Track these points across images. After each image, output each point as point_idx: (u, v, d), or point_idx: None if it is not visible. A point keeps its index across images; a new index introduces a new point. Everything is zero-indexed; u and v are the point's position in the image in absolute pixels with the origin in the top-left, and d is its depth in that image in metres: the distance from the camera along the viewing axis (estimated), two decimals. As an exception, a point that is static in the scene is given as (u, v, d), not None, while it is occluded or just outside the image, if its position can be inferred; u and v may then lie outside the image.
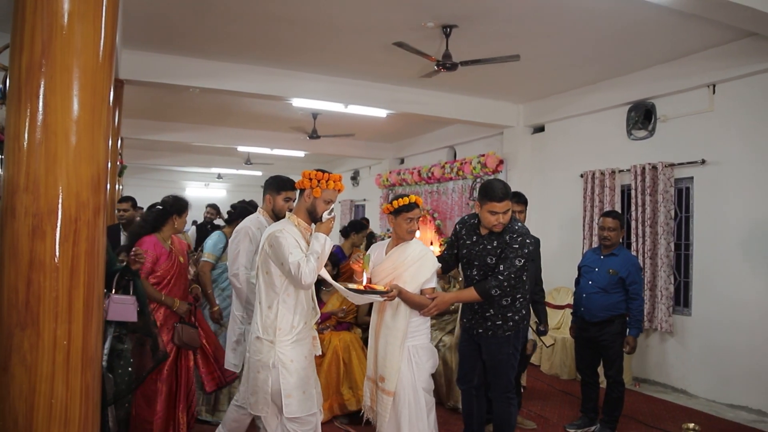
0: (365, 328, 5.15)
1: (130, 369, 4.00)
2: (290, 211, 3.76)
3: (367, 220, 6.82)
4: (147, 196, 13.13)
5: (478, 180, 8.85)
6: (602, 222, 4.68)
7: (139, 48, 5.97)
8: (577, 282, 4.87)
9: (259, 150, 12.13)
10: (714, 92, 5.67)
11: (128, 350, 4.07)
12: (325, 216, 2.99)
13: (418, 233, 6.39)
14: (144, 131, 10.14)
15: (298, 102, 7.24)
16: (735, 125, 5.48)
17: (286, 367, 2.84)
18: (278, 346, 2.86)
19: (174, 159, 14.26)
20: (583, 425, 4.71)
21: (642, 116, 6.43)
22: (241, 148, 12.07)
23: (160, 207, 3.97)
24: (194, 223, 8.92)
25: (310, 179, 2.98)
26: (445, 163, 9.73)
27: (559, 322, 6.90)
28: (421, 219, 3.55)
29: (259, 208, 3.90)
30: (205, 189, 18.97)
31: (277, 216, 3.79)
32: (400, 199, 3.31)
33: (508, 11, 4.82)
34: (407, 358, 3.20)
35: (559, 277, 6.85)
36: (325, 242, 2.91)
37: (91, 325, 2.03)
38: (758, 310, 5.22)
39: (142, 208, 6.22)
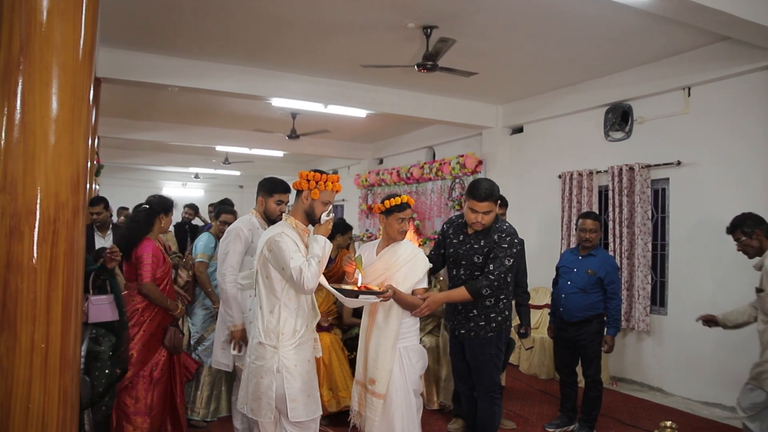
0: (346, 329, 5.14)
1: (107, 371, 3.96)
2: (283, 213, 3.74)
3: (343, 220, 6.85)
4: (123, 195, 13.04)
5: (457, 180, 8.89)
6: (582, 224, 4.71)
7: (117, 46, 5.88)
8: (555, 282, 4.91)
9: (237, 150, 12.04)
10: (689, 95, 5.77)
11: (105, 352, 4.03)
12: (324, 217, 2.93)
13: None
14: (120, 130, 9.99)
15: (277, 102, 7.20)
16: (710, 127, 5.58)
17: (290, 371, 2.79)
18: (282, 350, 2.80)
19: (151, 158, 14.07)
20: (562, 424, 4.76)
21: (619, 118, 6.51)
22: (219, 148, 11.96)
23: (147, 207, 3.96)
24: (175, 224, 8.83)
25: (308, 180, 2.91)
26: (425, 163, 9.75)
27: (538, 322, 6.96)
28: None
29: (251, 210, 3.87)
30: (182, 189, 18.76)
31: (268, 218, 3.77)
32: (392, 199, 3.28)
33: (488, 13, 4.85)
34: (398, 359, 3.18)
35: (537, 277, 6.90)
36: (325, 244, 2.86)
37: (69, 328, 1.99)
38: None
39: (127, 209, 6.13)
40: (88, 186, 2.18)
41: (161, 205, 3.99)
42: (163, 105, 8.91)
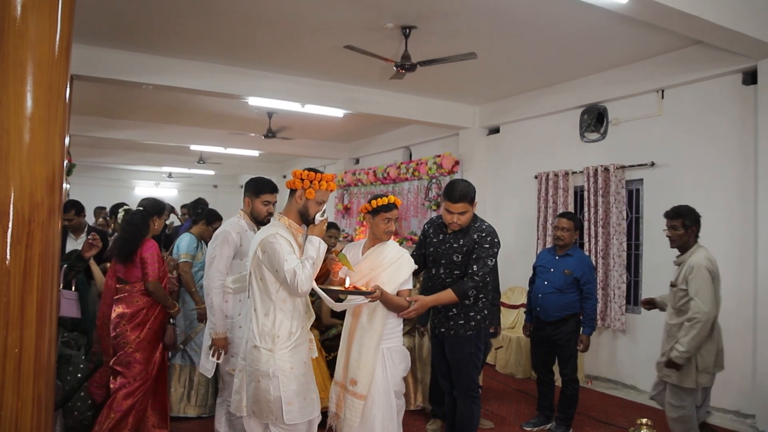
0: (324, 330, 5.11)
1: (79, 375, 3.91)
2: (270, 214, 3.68)
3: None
4: (94, 195, 12.78)
5: (434, 180, 8.91)
6: (557, 222, 4.81)
7: (91, 42, 5.75)
8: (532, 282, 4.96)
9: (212, 149, 11.90)
10: (663, 97, 5.86)
11: (77, 356, 3.98)
12: (318, 218, 2.88)
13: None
14: (92, 128, 9.77)
15: (254, 101, 7.13)
16: (683, 129, 5.68)
17: (286, 374, 2.74)
18: (277, 353, 2.74)
19: (123, 157, 13.83)
20: (539, 423, 4.80)
21: (594, 119, 6.58)
22: (193, 147, 11.81)
23: (141, 209, 4.07)
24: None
25: (302, 180, 2.85)
26: (401, 163, 9.75)
27: (514, 321, 7.01)
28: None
29: (239, 211, 3.82)
30: (155, 188, 18.50)
31: (255, 219, 3.71)
32: (379, 199, 3.25)
33: (466, 14, 4.87)
34: (381, 360, 3.15)
35: (513, 276, 6.96)
36: (320, 245, 2.80)
37: (44, 332, 1.94)
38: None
39: (105, 208, 6.06)
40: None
41: (154, 207, 4.11)
42: (136, 103, 8.76)
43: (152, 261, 3.88)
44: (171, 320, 4.23)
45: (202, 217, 5.05)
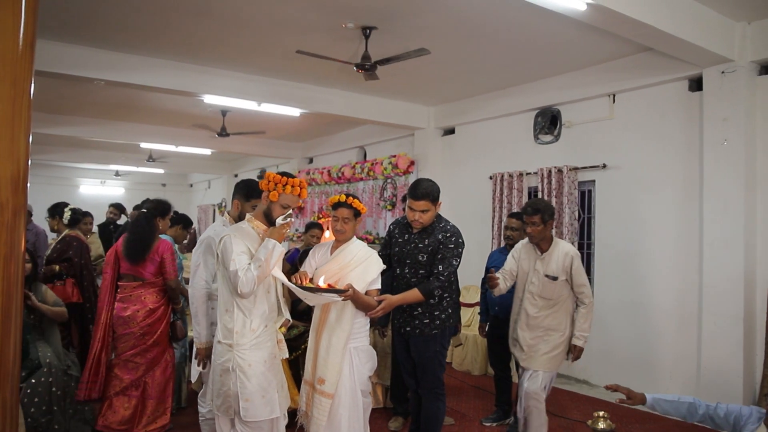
0: (287, 329, 5.07)
1: (33, 381, 3.79)
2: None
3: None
4: (35, 194, 12.21)
5: (389, 180, 8.94)
6: (508, 222, 4.93)
7: (41, 36, 5.49)
8: (485, 282, 5.02)
9: (162, 147, 11.60)
10: (614, 101, 6.06)
11: (30, 361, 3.84)
12: (279, 221, 2.88)
13: (327, 233, 6.35)
14: (34, 124, 9.34)
15: (210, 99, 6.99)
16: (633, 133, 5.88)
17: (243, 371, 2.79)
18: (236, 349, 2.80)
19: (67, 155, 13.32)
20: (498, 418, 4.89)
21: (548, 122, 6.74)
22: (144, 145, 11.49)
23: (145, 211, 4.18)
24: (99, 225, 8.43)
25: (269, 182, 2.90)
26: (356, 163, 9.75)
27: (470, 319, 7.11)
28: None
29: (224, 213, 3.73)
30: (101, 187, 17.91)
31: None
32: (331, 197, 3.31)
33: (426, 16, 4.91)
34: (348, 359, 3.17)
35: (468, 275, 7.04)
36: (273, 249, 2.79)
37: (9, 338, 1.86)
38: (651, 306, 5.65)
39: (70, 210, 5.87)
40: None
41: (158, 209, 4.26)
42: (84, 99, 8.45)
43: (171, 260, 4.10)
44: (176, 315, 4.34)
45: (177, 221, 5.06)
